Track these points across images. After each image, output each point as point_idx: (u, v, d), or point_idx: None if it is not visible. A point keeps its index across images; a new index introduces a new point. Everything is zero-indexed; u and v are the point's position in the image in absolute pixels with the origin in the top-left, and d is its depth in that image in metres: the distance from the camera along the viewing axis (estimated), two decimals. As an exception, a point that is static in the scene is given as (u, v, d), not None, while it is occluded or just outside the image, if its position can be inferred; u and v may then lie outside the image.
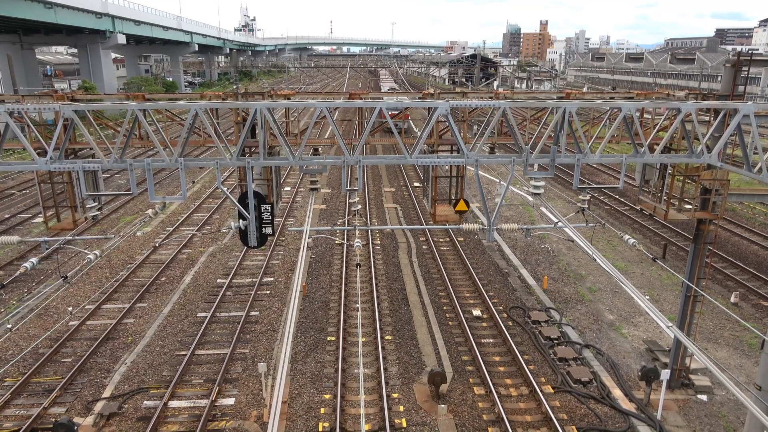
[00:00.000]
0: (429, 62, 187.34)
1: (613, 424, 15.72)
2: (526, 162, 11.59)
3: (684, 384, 17.29)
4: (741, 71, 14.98)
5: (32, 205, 36.44)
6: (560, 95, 15.43)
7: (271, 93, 14.86)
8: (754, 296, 24.09)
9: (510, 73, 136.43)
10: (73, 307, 22.09)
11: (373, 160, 12.16)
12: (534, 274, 26.15)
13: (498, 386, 17.32)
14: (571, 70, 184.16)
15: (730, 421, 15.93)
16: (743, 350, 19.80)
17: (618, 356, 19.21)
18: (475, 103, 11.93)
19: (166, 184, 43.55)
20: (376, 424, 15.63)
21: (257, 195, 12.77)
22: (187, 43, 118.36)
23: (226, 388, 17.23)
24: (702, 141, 11.84)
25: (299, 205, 37.93)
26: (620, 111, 11.42)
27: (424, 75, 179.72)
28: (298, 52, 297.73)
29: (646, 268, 27.14)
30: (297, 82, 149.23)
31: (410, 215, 35.94)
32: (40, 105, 11.58)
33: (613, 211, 37.30)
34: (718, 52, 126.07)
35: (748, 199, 20.00)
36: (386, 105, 11.57)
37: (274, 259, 27.69)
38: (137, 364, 18.46)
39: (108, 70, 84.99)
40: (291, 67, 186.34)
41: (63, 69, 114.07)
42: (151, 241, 30.09)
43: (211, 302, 22.80)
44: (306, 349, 19.43)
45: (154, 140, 11.08)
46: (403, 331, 20.85)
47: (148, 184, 11.64)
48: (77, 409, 16.11)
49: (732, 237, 31.59)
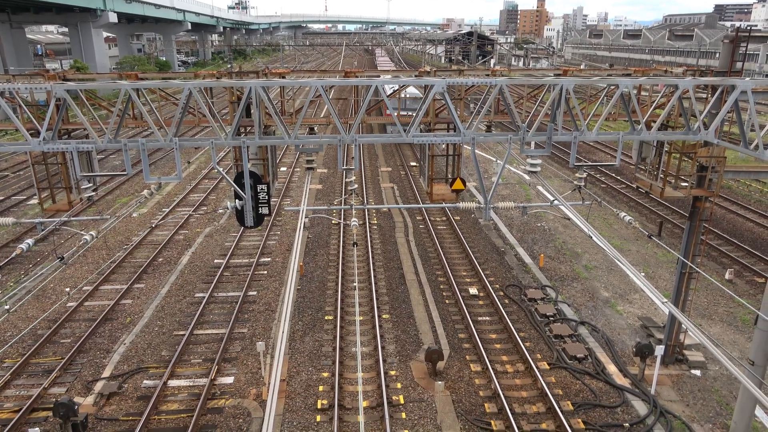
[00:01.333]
0: (425, 40, 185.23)
1: (608, 399, 15.96)
2: (523, 140, 11.54)
3: (678, 359, 17.52)
4: (739, 47, 14.87)
5: (27, 186, 36.24)
6: (557, 72, 15.32)
7: (265, 72, 14.70)
8: (748, 273, 24.28)
9: (507, 51, 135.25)
10: (71, 289, 22.13)
11: (370, 138, 12.10)
12: (530, 253, 26.26)
13: (494, 363, 17.52)
14: (568, 47, 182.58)
15: (723, 396, 16.19)
16: (737, 326, 20.02)
17: (613, 333, 19.41)
18: (472, 80, 11.82)
19: (162, 164, 43.31)
20: (374, 401, 15.82)
21: (253, 175, 12.70)
22: (180, 21, 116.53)
23: (225, 367, 17.37)
24: (699, 118, 11.80)
25: (296, 185, 37.84)
26: (617, 88, 11.35)
27: (420, 53, 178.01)
28: (293, 30, 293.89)
29: (642, 246, 27.28)
30: (292, 61, 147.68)
31: (407, 194, 35.92)
32: (31, 85, 11.42)
33: (609, 189, 37.35)
34: (716, 29, 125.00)
35: (744, 176, 20.05)
36: (382, 83, 11.46)
37: (271, 239, 27.71)
38: (136, 344, 18.57)
39: (100, 49, 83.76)
40: (285, 46, 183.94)
41: (54, 48, 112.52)
42: (147, 221, 30.04)
43: (209, 282, 22.87)
44: (304, 329, 19.56)
45: (148, 120, 10.97)
46: (400, 309, 20.99)
47: (143, 164, 11.56)
48: (77, 389, 16.24)
49: (727, 214, 31.71)
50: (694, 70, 14.48)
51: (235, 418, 15.06)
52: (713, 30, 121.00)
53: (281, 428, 14.74)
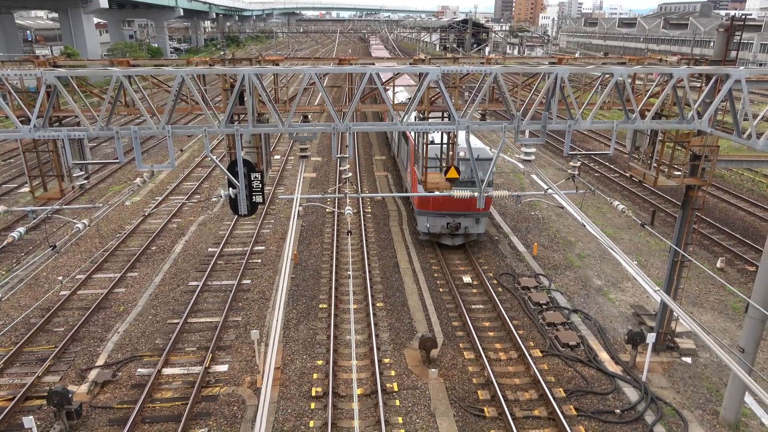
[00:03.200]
0: (420, 28, 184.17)
1: (600, 385, 16.12)
2: (518, 128, 11.53)
3: (669, 347, 17.69)
4: (734, 36, 14.86)
5: (18, 174, 35.94)
6: (552, 61, 15.27)
7: (259, 59, 14.57)
8: (739, 261, 24.49)
9: (502, 39, 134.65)
10: (64, 277, 22.03)
11: (364, 127, 12.05)
12: (524, 241, 26.35)
13: (487, 351, 17.63)
14: (563, 35, 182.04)
15: (713, 383, 16.38)
16: (728, 314, 20.22)
17: (605, 321, 19.57)
18: (467, 68, 11.78)
19: (154, 152, 43.02)
20: (368, 388, 15.91)
21: (247, 163, 12.64)
22: (172, 7, 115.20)
23: (220, 355, 17.40)
24: (693, 107, 11.82)
25: (289, 174, 37.71)
26: (612, 77, 11.34)
27: (414, 41, 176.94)
28: (286, 17, 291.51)
29: (635, 234, 27.43)
30: (285, 48, 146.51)
31: (401, 183, 35.88)
32: (21, 71, 11.28)
33: (603, 178, 37.46)
34: (711, 17, 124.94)
35: (737, 165, 20.13)
36: (376, 71, 11.39)
37: (265, 228, 27.66)
38: (130, 332, 18.55)
39: (91, 35, 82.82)
40: (279, 33, 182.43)
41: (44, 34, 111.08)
42: (140, 210, 29.89)
43: (203, 271, 22.83)
44: (298, 317, 19.60)
45: (141, 108, 10.88)
46: (394, 298, 21.05)
47: (136, 152, 11.47)
48: (71, 378, 16.24)
49: (720, 203, 31.91)
50: (689, 59, 14.47)
51: (229, 406, 15.11)
52: (708, 19, 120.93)
53: (276, 415, 14.81)
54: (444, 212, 23.51)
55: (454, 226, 23.70)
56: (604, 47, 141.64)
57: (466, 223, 23.81)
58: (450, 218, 23.71)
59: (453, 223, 23.67)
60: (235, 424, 14.47)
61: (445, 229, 23.95)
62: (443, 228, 23.92)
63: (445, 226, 23.84)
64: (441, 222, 23.82)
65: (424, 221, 24.19)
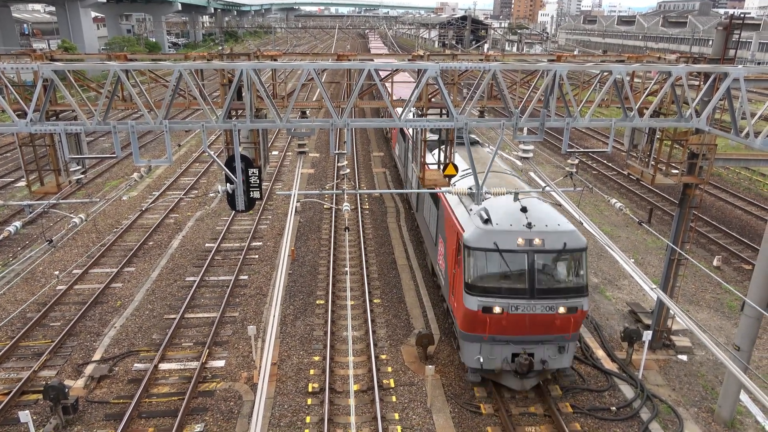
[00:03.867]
0: (419, 24, 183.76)
1: (596, 383, 16.16)
2: (516, 126, 11.51)
3: (665, 345, 17.75)
4: (732, 35, 14.86)
5: (14, 168, 35.82)
6: (551, 58, 15.26)
7: (257, 54, 14.52)
8: (736, 260, 24.56)
9: (501, 36, 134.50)
10: (60, 272, 22.00)
11: (362, 123, 12.02)
12: (521, 239, 26.33)
13: (484, 348, 17.63)
14: (562, 33, 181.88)
15: (708, 380, 16.44)
16: (724, 312, 20.29)
17: (602, 318, 19.61)
18: (465, 65, 11.75)
19: (152, 147, 42.91)
20: (364, 384, 15.93)
21: (244, 158, 12.60)
22: (170, 1, 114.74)
23: (216, 351, 17.39)
24: (691, 105, 11.81)
25: (287, 169, 37.65)
26: (611, 74, 11.32)
27: (413, 37, 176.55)
28: (285, 12, 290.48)
29: (632, 232, 27.47)
30: (284, 44, 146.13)
31: (399, 179, 35.84)
32: (17, 65, 11.22)
33: (600, 176, 37.49)
34: (710, 16, 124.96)
35: (734, 163, 20.16)
36: (375, 66, 11.36)
37: (262, 224, 27.62)
38: (126, 327, 18.53)
39: (88, 29, 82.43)
40: (278, 28, 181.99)
41: (41, 28, 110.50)
42: (137, 205, 29.82)
43: (200, 266, 22.80)
44: (295, 313, 19.60)
45: (138, 102, 10.83)
46: (391, 294, 21.06)
47: (133, 147, 11.42)
48: (67, 372, 16.21)
49: (717, 202, 31.98)
50: (688, 57, 14.47)
51: (226, 401, 15.12)
52: (707, 17, 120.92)
53: (272, 411, 14.82)
54: (508, 337, 14.37)
55: (525, 360, 14.29)
56: (602, 45, 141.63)
57: (542, 354, 14.56)
58: (518, 346, 14.51)
59: (523, 356, 14.34)
60: (231, 419, 14.48)
61: (510, 365, 14.61)
62: (506, 362, 14.62)
63: (509, 359, 14.63)
64: (503, 353, 14.59)
65: (474, 352, 14.67)
